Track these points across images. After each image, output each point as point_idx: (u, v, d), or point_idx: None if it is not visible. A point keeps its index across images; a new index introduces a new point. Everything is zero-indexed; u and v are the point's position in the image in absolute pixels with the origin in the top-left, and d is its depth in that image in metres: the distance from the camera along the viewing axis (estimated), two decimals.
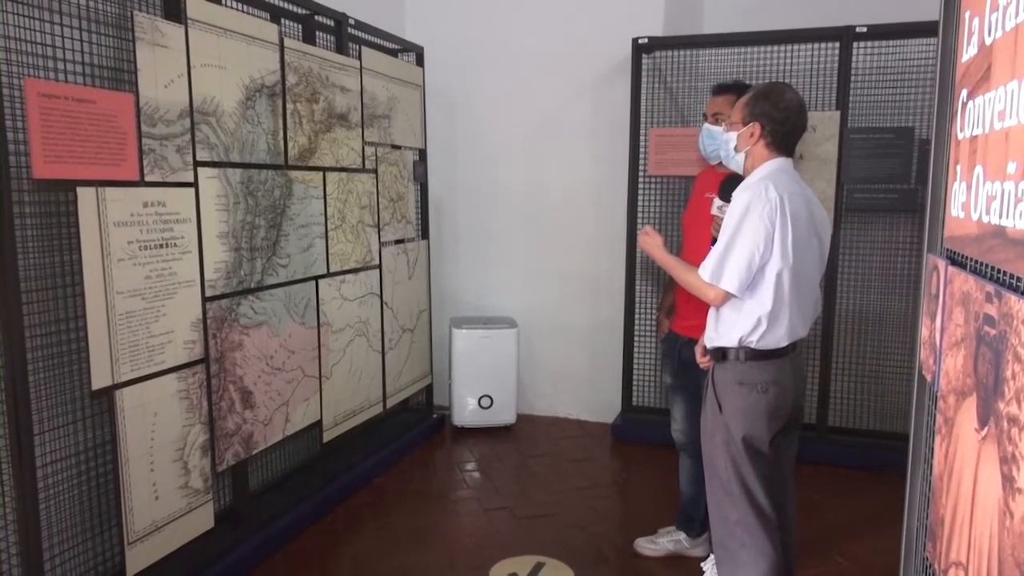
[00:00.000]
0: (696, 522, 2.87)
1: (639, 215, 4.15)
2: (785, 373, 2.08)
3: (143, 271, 2.31)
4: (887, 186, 3.67)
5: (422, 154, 4.14)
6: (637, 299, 4.22)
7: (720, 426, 2.10)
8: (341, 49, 3.39)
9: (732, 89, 2.62)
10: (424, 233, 4.21)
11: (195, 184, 2.51)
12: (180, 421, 2.48)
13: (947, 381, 1.14)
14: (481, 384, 4.29)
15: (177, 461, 2.47)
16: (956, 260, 1.18)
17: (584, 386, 4.56)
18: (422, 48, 4.15)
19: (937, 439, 1.18)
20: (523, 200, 4.55)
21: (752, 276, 1.98)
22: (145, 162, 2.30)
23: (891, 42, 3.63)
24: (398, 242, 3.87)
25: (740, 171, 2.16)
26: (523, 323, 4.44)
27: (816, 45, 3.80)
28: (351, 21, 3.45)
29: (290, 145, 2.99)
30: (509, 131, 4.51)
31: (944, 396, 1.15)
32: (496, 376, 4.30)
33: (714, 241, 2.37)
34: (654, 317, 4.27)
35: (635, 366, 4.29)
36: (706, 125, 2.62)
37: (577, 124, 4.39)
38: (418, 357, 4.17)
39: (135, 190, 2.27)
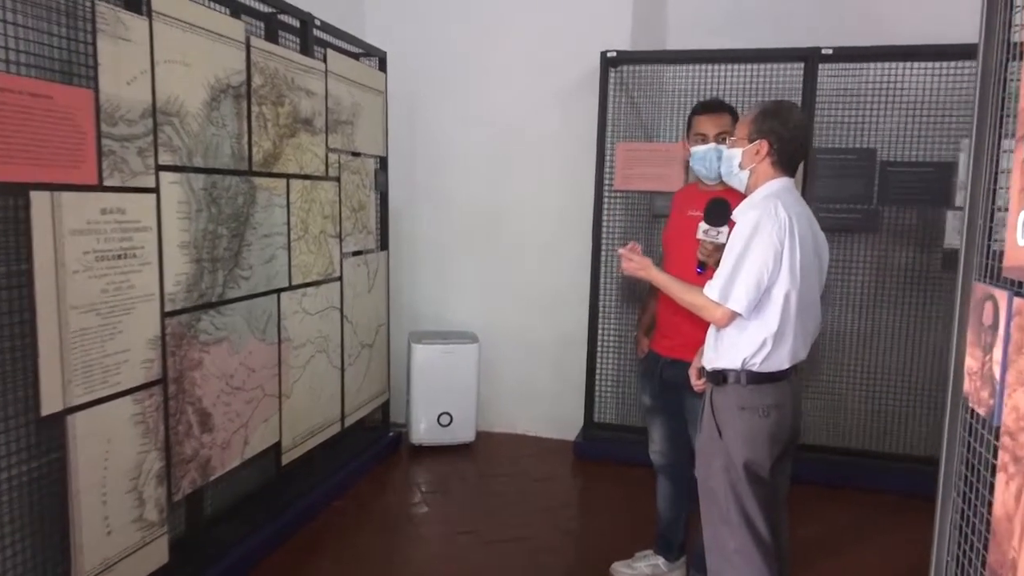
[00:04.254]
0: (675, 546, 2.81)
1: (604, 229, 4.10)
2: (786, 396, 2.04)
3: (99, 284, 2.11)
4: (850, 206, 3.73)
5: (383, 162, 4.00)
6: (600, 314, 4.16)
7: (719, 452, 2.04)
8: (306, 51, 3.23)
9: (726, 108, 2.59)
10: (384, 244, 4.06)
11: (156, 190, 2.31)
12: (135, 448, 2.27)
13: (1015, 418, 1.10)
14: (440, 401, 4.15)
15: (131, 492, 2.26)
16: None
17: (544, 402, 4.48)
18: (385, 53, 4.01)
19: (1000, 477, 1.14)
20: (484, 212, 4.44)
21: (760, 296, 1.93)
22: (104, 165, 2.10)
23: (855, 65, 3.69)
24: (356, 253, 3.71)
25: (742, 188, 2.11)
26: (483, 337, 4.33)
27: (782, 65, 3.83)
28: (317, 22, 3.29)
29: (255, 150, 2.81)
30: (471, 141, 4.40)
31: (1012, 433, 1.11)
32: (456, 392, 4.17)
33: (701, 265, 2.33)
34: (616, 333, 4.23)
35: (597, 382, 4.23)
36: (718, 146, 2.52)
37: (541, 136, 4.32)
38: (376, 373, 4.01)
39: (93, 195, 2.08)
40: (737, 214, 2.06)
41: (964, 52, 3.52)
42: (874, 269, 3.80)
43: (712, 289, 1.97)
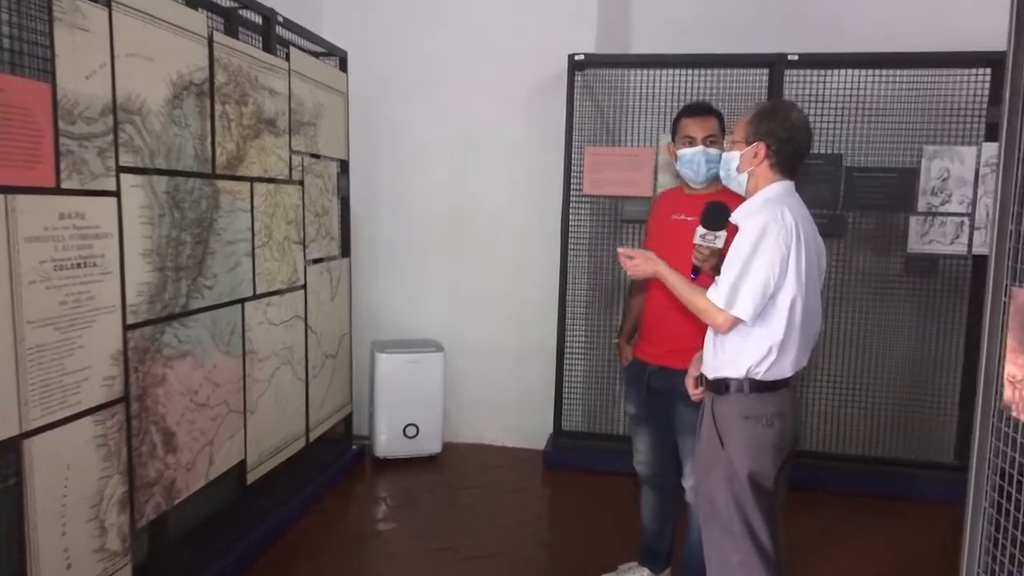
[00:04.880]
0: (660, 557, 2.76)
1: (571, 234, 4.04)
2: (788, 404, 2.00)
3: (58, 295, 1.93)
4: (816, 211, 3.69)
5: (344, 165, 3.85)
6: (568, 320, 4.10)
7: (722, 462, 1.99)
8: (268, 48, 3.08)
9: (713, 111, 2.55)
10: (346, 250, 3.91)
11: (117, 193, 2.14)
12: (96, 472, 2.10)
13: None
14: (406, 412, 4.03)
15: (93, 520, 2.09)
16: None
17: (511, 411, 4.39)
18: (346, 53, 3.87)
19: None
20: (448, 216, 4.34)
21: (765, 303, 1.89)
22: (62, 166, 1.93)
23: (821, 72, 3.72)
24: (316, 261, 3.54)
25: (742, 191, 2.07)
26: (447, 345, 4.21)
27: (747, 71, 3.84)
28: (279, 19, 3.14)
29: (218, 151, 2.65)
30: (434, 144, 4.30)
31: None
32: (422, 403, 4.05)
33: (695, 271, 2.28)
34: (584, 339, 4.18)
35: (564, 390, 4.16)
36: (707, 150, 2.48)
37: (505, 139, 4.24)
38: (340, 384, 3.85)
39: (50, 199, 1.90)
40: (738, 218, 2.02)
41: (927, 60, 3.61)
42: (840, 274, 3.84)
43: (717, 294, 1.91)
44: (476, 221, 4.32)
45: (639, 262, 2.15)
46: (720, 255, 2.25)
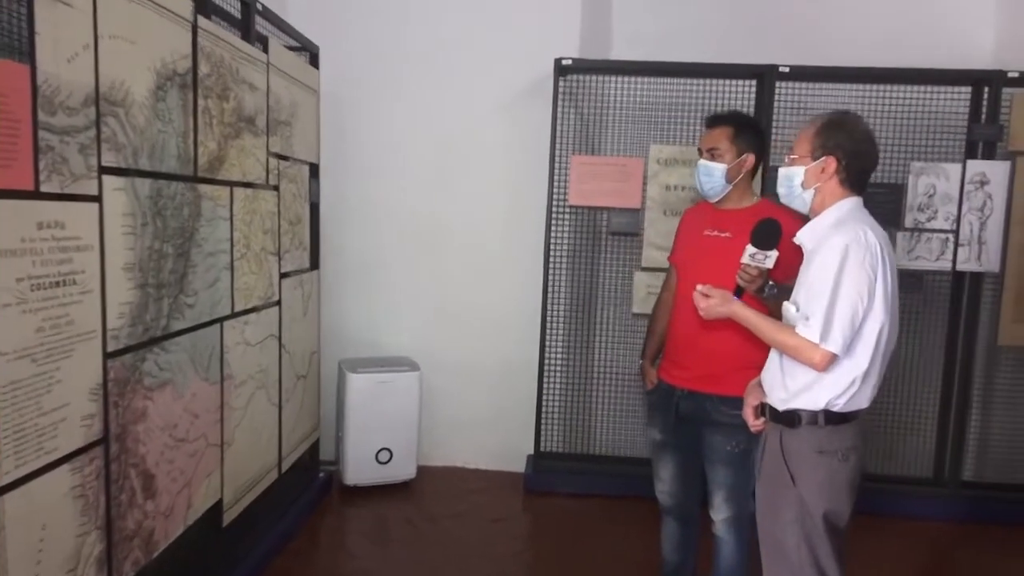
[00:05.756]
0: None
1: (553, 247, 3.86)
2: (860, 436, 1.87)
3: (35, 321, 1.61)
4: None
5: (315, 169, 3.55)
6: (548, 337, 3.91)
7: (792, 502, 1.84)
8: (247, 38, 2.77)
9: (727, 120, 2.41)
10: (315, 262, 3.60)
11: (99, 198, 1.82)
12: (74, 529, 1.76)
13: None
14: (379, 435, 3.74)
15: None
16: None
17: (486, 432, 4.16)
18: (318, 48, 3.58)
19: None
20: (422, 226, 4.08)
21: (854, 333, 1.74)
22: (42, 165, 1.61)
23: (810, 85, 3.67)
24: (287, 275, 3.21)
25: (805, 210, 1.93)
26: (420, 363, 3.94)
27: (735, 82, 3.76)
28: (259, 7, 2.84)
29: (200, 151, 2.34)
30: (408, 149, 4.03)
31: None
32: (396, 426, 3.77)
33: (738, 291, 2.12)
34: (563, 356, 4.00)
35: (543, 409, 3.96)
36: (701, 162, 2.38)
37: (485, 145, 4.02)
38: (310, 408, 3.54)
39: (28, 204, 1.58)
40: (804, 238, 1.88)
41: (915, 77, 3.61)
42: None
43: (810, 329, 1.75)
44: (451, 231, 4.08)
45: (716, 302, 1.98)
46: (767, 276, 2.11)
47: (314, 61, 3.56)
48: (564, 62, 3.71)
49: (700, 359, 2.35)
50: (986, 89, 3.59)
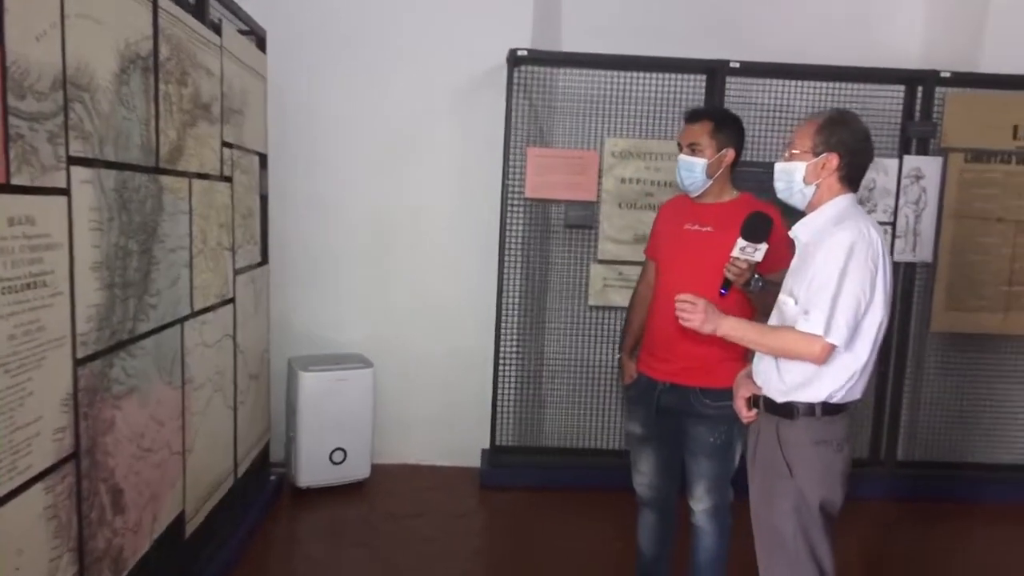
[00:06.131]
0: None
1: (507, 239, 3.82)
2: (852, 427, 1.92)
3: (6, 327, 1.46)
4: None
5: (264, 160, 3.39)
6: (503, 331, 3.87)
7: (789, 491, 1.87)
8: (201, 19, 2.60)
9: (708, 115, 2.43)
10: (265, 257, 3.44)
11: (68, 191, 1.67)
12: (47, 553, 1.62)
13: None
14: (333, 435, 3.62)
15: None
16: None
17: (440, 428, 4.09)
18: (265, 32, 3.40)
19: None
20: (371, 219, 3.96)
21: (856, 327, 1.78)
22: (12, 155, 1.45)
23: (761, 80, 3.76)
24: (238, 272, 3.05)
25: (803, 206, 1.96)
26: (370, 360, 3.83)
27: (685, 76, 3.81)
28: None
29: (161, 140, 2.18)
30: (356, 140, 3.90)
31: None
32: (350, 425, 3.66)
33: (725, 285, 2.14)
34: (517, 350, 3.97)
35: (499, 403, 3.93)
36: (681, 156, 2.39)
37: (435, 137, 3.93)
38: (262, 408, 3.39)
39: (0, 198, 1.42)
40: (800, 232, 1.91)
41: (858, 75, 3.75)
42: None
43: (813, 322, 1.76)
44: (401, 223, 3.98)
45: (701, 318, 1.92)
46: (755, 269, 2.14)
47: (261, 45, 3.39)
48: (519, 52, 3.67)
49: (682, 353, 2.36)
50: (920, 88, 3.77)
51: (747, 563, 2.67)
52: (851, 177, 1.90)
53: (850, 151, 1.86)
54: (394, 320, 4.02)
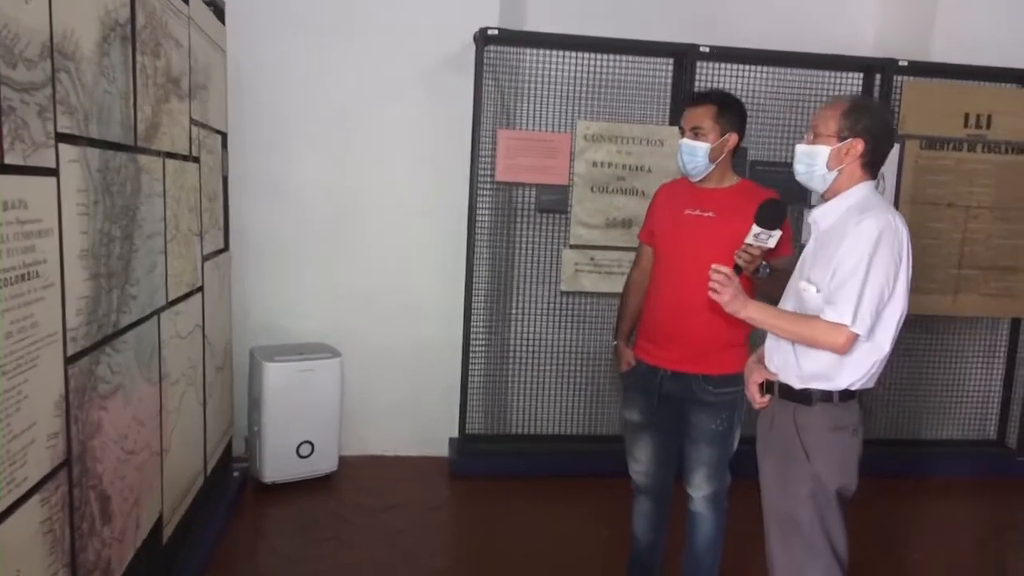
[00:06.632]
0: (655, 570, 2.62)
1: (476, 224, 3.73)
2: (862, 411, 1.94)
3: (2, 325, 1.30)
4: None
5: (224, 139, 3.20)
6: (472, 317, 3.80)
7: (806, 477, 1.87)
8: None
9: (711, 99, 2.39)
10: (227, 242, 3.26)
11: (57, 171, 1.51)
12: (44, 571, 1.47)
13: None
14: (300, 428, 3.47)
15: None
16: None
17: (406, 418, 3.98)
18: (224, 2, 3.20)
19: None
20: (335, 203, 3.80)
21: (879, 317, 1.79)
22: (5, 130, 1.29)
23: (730, 65, 3.78)
24: (206, 258, 2.88)
25: (822, 190, 1.95)
26: (334, 348, 3.69)
27: (654, 59, 3.79)
28: None
29: (139, 117, 2.01)
30: (317, 121, 3.72)
31: None
32: (318, 417, 3.52)
33: (736, 270, 2.12)
34: (484, 337, 3.90)
35: (468, 391, 3.86)
36: (684, 140, 2.35)
37: (400, 118, 3.78)
38: (226, 403, 3.22)
39: None
40: (818, 217, 1.91)
41: (818, 61, 3.81)
42: None
43: (840, 311, 1.75)
44: (365, 207, 3.83)
45: (731, 295, 1.89)
46: (766, 257, 2.13)
47: (220, 17, 3.18)
48: (490, 31, 3.57)
49: (685, 341, 2.34)
50: (878, 76, 3.86)
51: (740, 545, 2.74)
52: (873, 163, 1.90)
53: (875, 137, 1.86)
54: (358, 308, 3.88)
